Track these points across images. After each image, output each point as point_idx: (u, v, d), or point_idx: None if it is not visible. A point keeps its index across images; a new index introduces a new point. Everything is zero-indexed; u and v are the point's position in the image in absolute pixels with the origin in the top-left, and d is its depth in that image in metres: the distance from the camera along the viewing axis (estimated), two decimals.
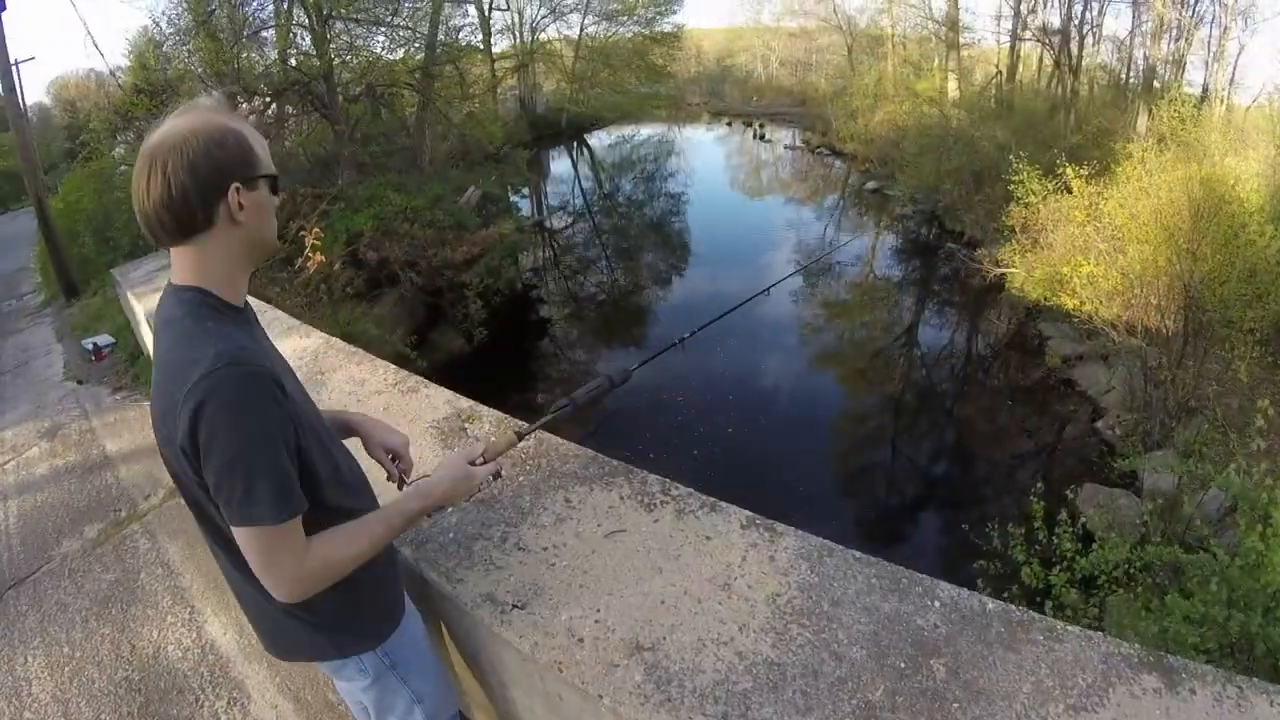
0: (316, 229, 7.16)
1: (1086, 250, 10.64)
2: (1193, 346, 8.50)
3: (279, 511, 1.19)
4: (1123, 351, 9.16)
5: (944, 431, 10.15)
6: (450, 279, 11.72)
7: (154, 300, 5.04)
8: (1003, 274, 12.91)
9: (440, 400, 2.94)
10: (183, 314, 1.26)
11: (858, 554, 1.88)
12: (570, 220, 21.85)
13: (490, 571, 1.95)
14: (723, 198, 25.23)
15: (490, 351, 11.32)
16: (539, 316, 14.15)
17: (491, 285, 11.97)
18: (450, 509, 2.14)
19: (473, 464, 1.65)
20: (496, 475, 1.73)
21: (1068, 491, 7.25)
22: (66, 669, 2.98)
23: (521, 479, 2.27)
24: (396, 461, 1.81)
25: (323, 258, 7.00)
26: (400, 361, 9.56)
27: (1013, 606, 1.80)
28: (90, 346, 6.97)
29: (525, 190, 23.82)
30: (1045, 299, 11.24)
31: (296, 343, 3.79)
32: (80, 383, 6.50)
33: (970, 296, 14.27)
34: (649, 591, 1.81)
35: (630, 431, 8.94)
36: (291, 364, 1.45)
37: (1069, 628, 1.71)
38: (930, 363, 12.21)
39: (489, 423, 2.70)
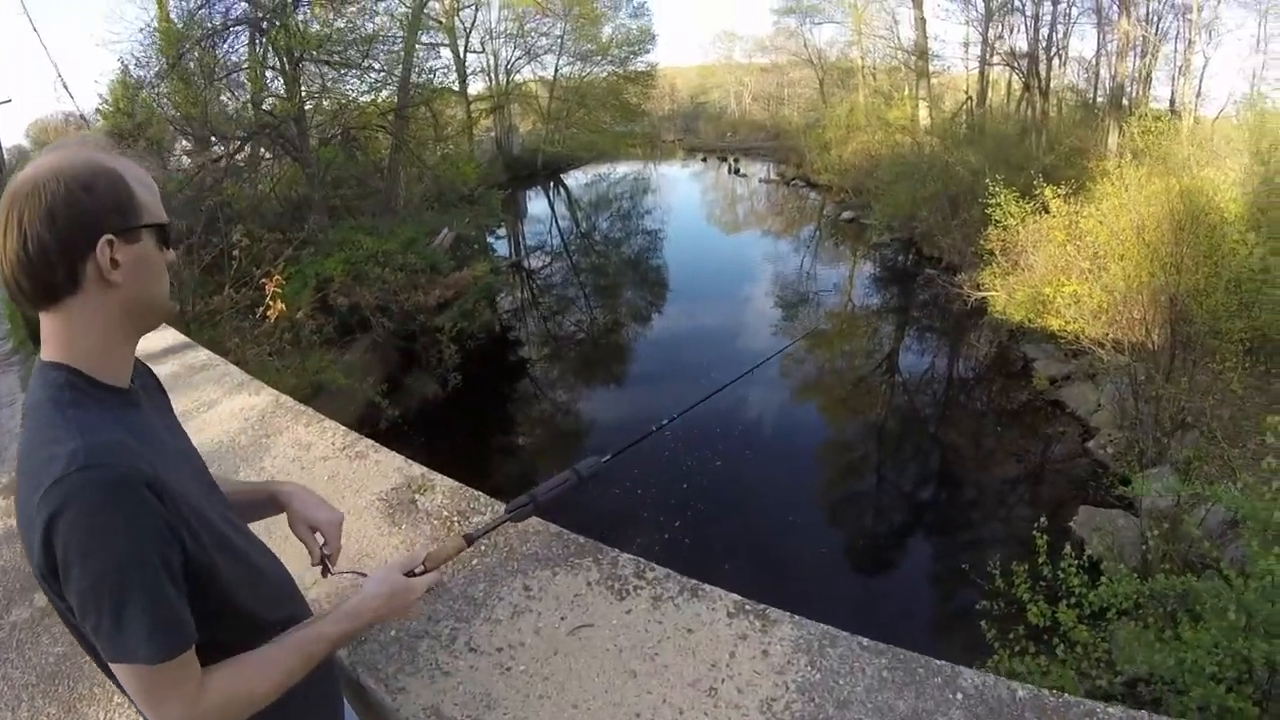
0: (278, 276, 6.88)
1: (1068, 270, 10.56)
2: (1181, 360, 8.36)
3: (156, 649, 0.96)
4: (1111, 369, 9.00)
5: (933, 461, 9.91)
6: (423, 323, 11.43)
7: None
8: (983, 297, 12.81)
9: (390, 467, 2.65)
10: (44, 398, 1.04)
11: (865, 641, 1.61)
12: (547, 260, 21.68)
13: (436, 679, 1.66)
14: (700, 233, 25.21)
15: (465, 396, 11.01)
16: (516, 358, 13.86)
17: (466, 328, 11.68)
18: None
19: (412, 574, 1.38)
20: (440, 582, 1.46)
21: (1070, 524, 7.10)
22: None
23: (475, 562, 1.98)
24: (324, 543, 1.53)
25: (284, 306, 6.71)
26: (372, 410, 9.43)
27: (1045, 692, 1.55)
28: None
29: (502, 231, 23.69)
30: (1028, 321, 11.10)
31: (245, 401, 3.51)
32: None
33: (952, 322, 14.14)
34: (621, 701, 1.53)
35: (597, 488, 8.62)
36: (236, 426, 1.20)
37: (1109, 709, 1.46)
38: (914, 390, 12.02)
39: (442, 494, 2.41)
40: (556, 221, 27.39)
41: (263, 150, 14.12)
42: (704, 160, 40.81)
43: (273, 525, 1.47)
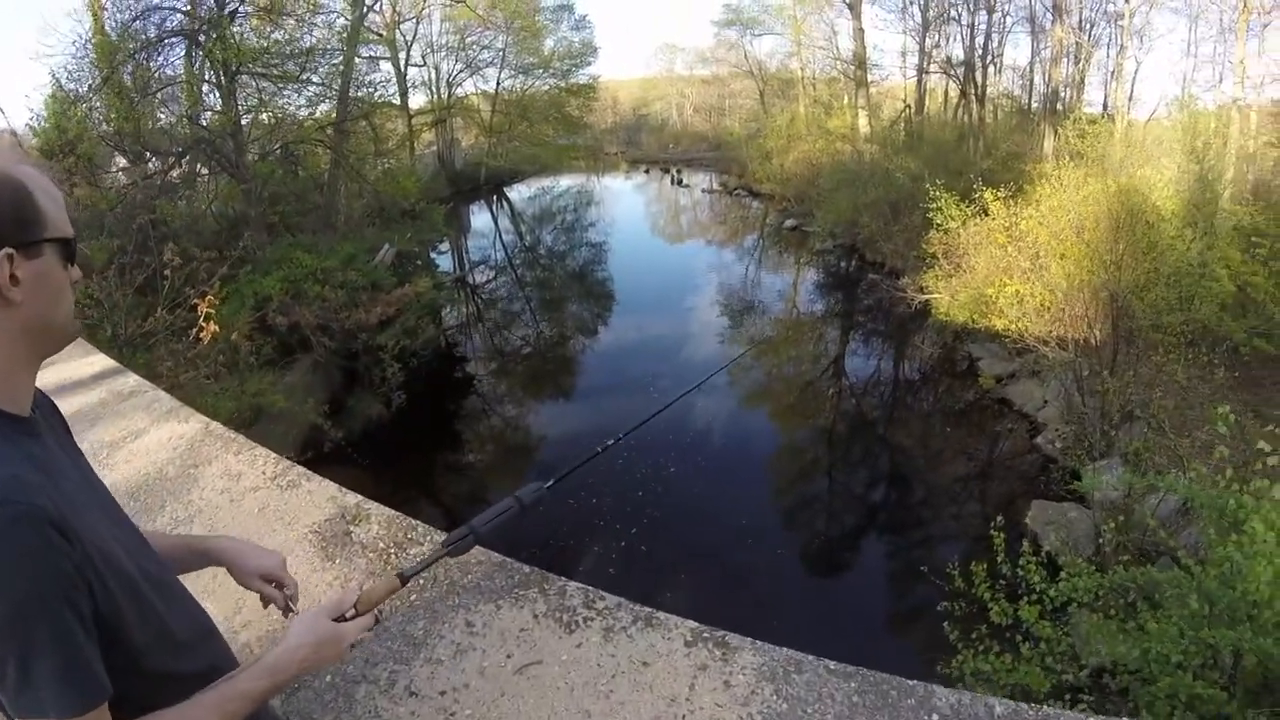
0: (210, 296, 6.58)
1: (1010, 270, 10.75)
2: (1125, 354, 8.54)
3: (69, 703, 0.86)
4: (1056, 366, 9.16)
5: (884, 463, 9.95)
6: (365, 342, 11.09)
7: (40, 380, 4.45)
8: (927, 300, 12.99)
9: (324, 497, 2.47)
10: None
11: (832, 664, 1.51)
12: (492, 274, 21.38)
13: None
14: (644, 244, 25.19)
15: (411, 415, 10.71)
16: (462, 375, 13.58)
17: (409, 346, 11.35)
18: None
19: (343, 618, 1.25)
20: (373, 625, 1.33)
21: (1024, 519, 7.17)
22: None
23: (414, 597, 1.83)
24: (279, 588, 1.42)
25: (217, 327, 6.42)
26: (315, 432, 9.12)
27: (1024, 706, 1.47)
28: None
29: (445, 246, 23.35)
30: (972, 321, 11.28)
31: (174, 429, 3.30)
32: None
33: (896, 325, 14.32)
34: None
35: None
36: (164, 456, 1.07)
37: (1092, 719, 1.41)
38: (862, 394, 12.09)
39: (378, 524, 2.25)
40: (500, 235, 27.14)
41: (200, 166, 13.66)
42: (647, 172, 40.89)
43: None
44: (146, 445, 3.11)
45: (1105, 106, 18.43)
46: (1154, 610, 3.63)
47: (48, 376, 4.37)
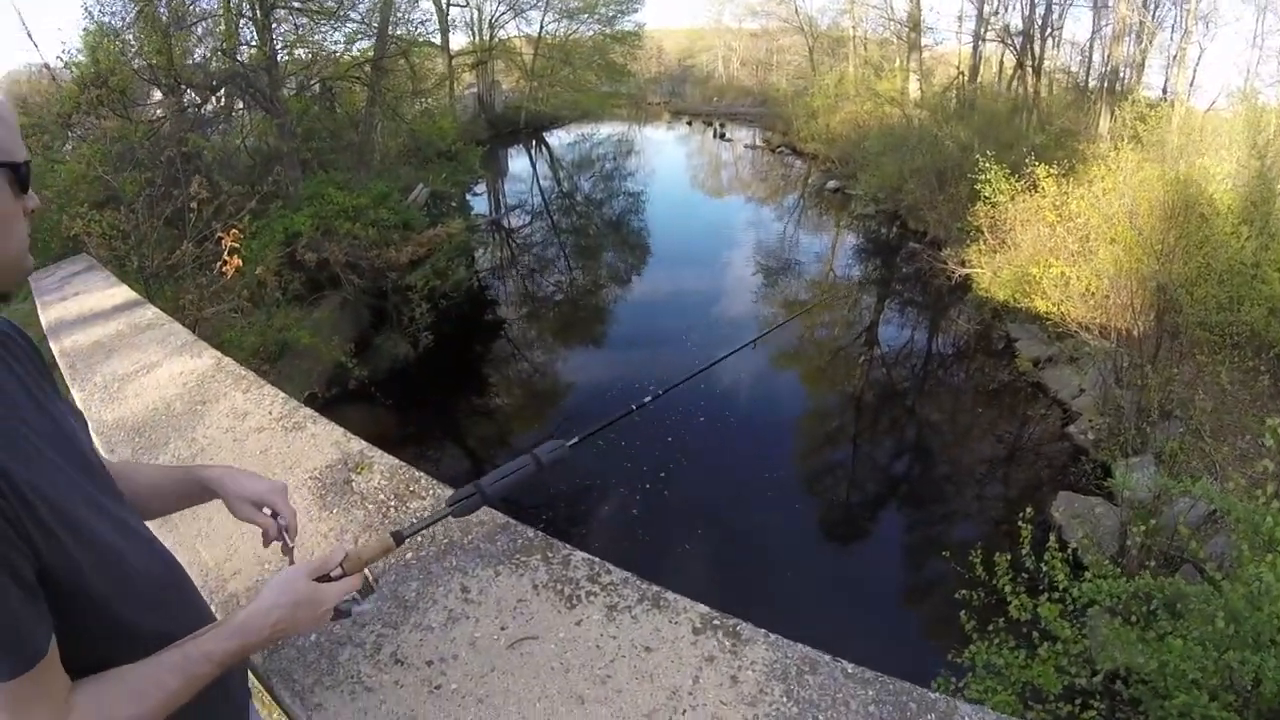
0: (236, 230, 6.51)
1: (1056, 251, 10.39)
2: (1167, 349, 8.27)
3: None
4: (1096, 354, 8.89)
5: (910, 436, 9.79)
6: (395, 281, 11.08)
7: (63, 310, 4.46)
8: (968, 274, 12.66)
9: (328, 441, 2.38)
10: None
11: (849, 668, 1.39)
12: (527, 219, 21.27)
13: (357, 695, 1.43)
14: (683, 197, 24.85)
15: (438, 356, 10.72)
16: (493, 318, 13.55)
17: (439, 287, 11.34)
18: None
19: (328, 579, 1.16)
20: (368, 591, 1.23)
21: (1050, 510, 7.00)
22: None
23: (409, 555, 1.74)
24: (276, 516, 1.34)
25: (240, 261, 6.36)
26: (339, 369, 9.13)
27: None
28: None
29: (481, 188, 23.19)
30: (1013, 300, 10.97)
31: (185, 364, 3.23)
32: None
33: (934, 297, 13.99)
34: None
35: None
36: (173, 391, 0.97)
37: None
38: (894, 364, 11.87)
39: (380, 473, 2.16)
40: (538, 180, 26.92)
41: (235, 101, 13.59)
42: (689, 124, 40.25)
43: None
44: (157, 379, 3.06)
45: (1165, 91, 17.64)
46: (1175, 620, 3.51)
47: (72, 307, 4.34)
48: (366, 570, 1.25)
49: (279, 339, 8.56)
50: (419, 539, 1.78)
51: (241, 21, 13.24)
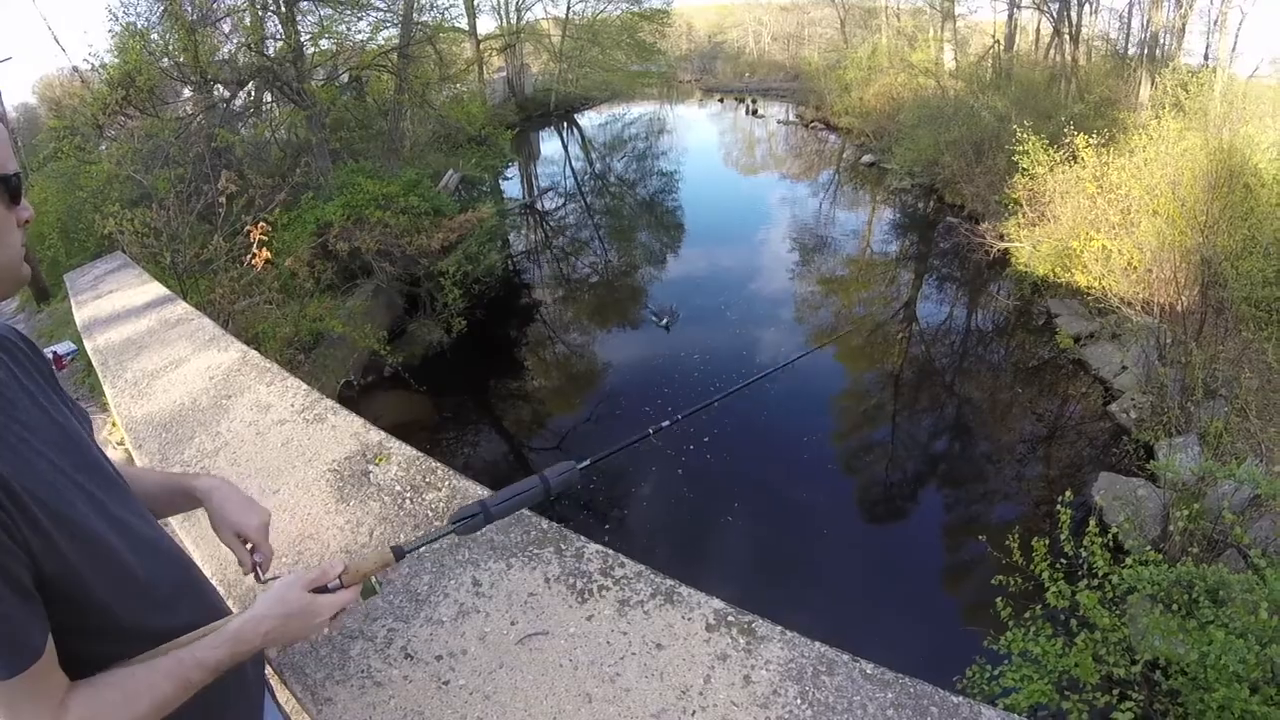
0: (263, 223, 6.57)
1: (1097, 223, 10.08)
2: (1212, 325, 7.98)
3: None
4: (1138, 330, 8.61)
5: (949, 413, 9.60)
6: (427, 267, 11.13)
7: (96, 308, 4.55)
8: (1007, 248, 12.37)
9: (347, 433, 2.40)
10: None
11: (868, 668, 1.35)
12: (560, 201, 21.23)
13: (367, 689, 1.43)
14: (716, 174, 24.60)
15: (471, 341, 10.76)
16: (527, 301, 13.57)
17: (471, 272, 11.37)
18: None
19: (325, 590, 1.16)
20: (372, 591, 1.22)
21: (1091, 491, 6.82)
22: None
23: (423, 549, 1.74)
24: (253, 550, 1.34)
25: (268, 253, 6.42)
26: (374, 357, 9.23)
27: None
28: (51, 354, 6.48)
29: (513, 172, 23.17)
30: (1053, 275, 10.68)
31: (212, 358, 3.29)
32: None
33: (973, 272, 13.69)
34: None
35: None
36: (200, 385, 0.97)
37: None
38: (931, 340, 11.65)
39: (398, 464, 2.16)
40: (570, 162, 26.86)
41: (264, 94, 13.72)
42: (721, 101, 39.90)
43: None
44: (185, 374, 3.10)
45: (1206, 57, 16.90)
46: (1217, 609, 3.39)
47: (104, 305, 4.42)
48: (373, 578, 1.24)
49: (313, 329, 8.66)
50: (433, 530, 1.78)
51: (266, 15, 13.36)
